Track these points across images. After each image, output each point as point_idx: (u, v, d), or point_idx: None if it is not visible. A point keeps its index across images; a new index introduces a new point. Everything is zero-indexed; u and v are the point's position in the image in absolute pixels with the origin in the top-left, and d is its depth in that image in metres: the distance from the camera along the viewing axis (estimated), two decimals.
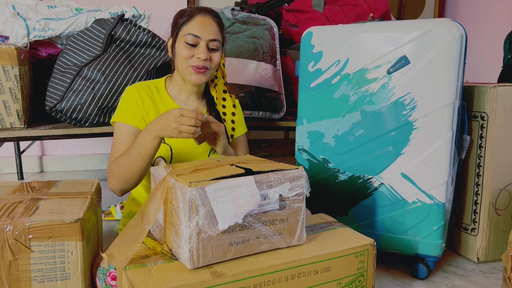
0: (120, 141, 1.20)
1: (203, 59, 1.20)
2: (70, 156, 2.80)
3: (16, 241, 0.93)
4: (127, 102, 1.24)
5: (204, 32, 1.20)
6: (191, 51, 1.20)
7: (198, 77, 1.22)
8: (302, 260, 0.92)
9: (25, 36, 1.68)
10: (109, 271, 0.97)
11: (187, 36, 1.19)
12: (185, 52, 1.20)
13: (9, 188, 1.20)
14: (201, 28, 1.20)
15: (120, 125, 1.22)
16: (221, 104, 1.35)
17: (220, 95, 1.36)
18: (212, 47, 1.22)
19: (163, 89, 1.31)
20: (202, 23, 1.20)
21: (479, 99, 1.43)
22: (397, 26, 1.33)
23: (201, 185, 0.83)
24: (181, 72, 1.24)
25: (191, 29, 1.20)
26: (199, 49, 1.20)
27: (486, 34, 2.85)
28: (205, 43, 1.20)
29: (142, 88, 1.27)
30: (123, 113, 1.23)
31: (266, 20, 1.97)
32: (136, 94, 1.24)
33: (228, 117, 1.36)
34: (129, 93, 1.25)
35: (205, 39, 1.20)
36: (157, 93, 1.29)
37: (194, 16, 1.21)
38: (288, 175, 0.93)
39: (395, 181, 1.34)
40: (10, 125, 1.58)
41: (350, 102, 1.38)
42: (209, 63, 1.22)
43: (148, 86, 1.29)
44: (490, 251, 1.47)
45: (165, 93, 1.30)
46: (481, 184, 1.44)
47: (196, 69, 1.21)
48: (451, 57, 1.24)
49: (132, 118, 1.22)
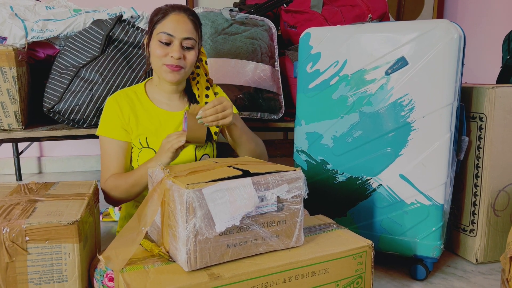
0: (108, 158, 1.24)
1: (176, 58, 1.19)
2: (68, 157, 2.80)
3: (13, 243, 0.93)
4: (107, 115, 1.25)
5: (177, 31, 1.19)
6: (165, 50, 1.19)
7: (172, 75, 1.21)
8: (300, 262, 0.92)
9: (23, 37, 1.68)
10: (106, 272, 0.96)
11: (161, 35, 1.19)
12: (158, 51, 1.19)
13: (6, 190, 1.19)
14: (174, 27, 1.18)
15: (104, 139, 1.25)
16: (203, 102, 1.33)
17: (203, 92, 1.35)
18: (187, 45, 1.20)
19: (143, 93, 1.30)
20: (176, 21, 1.19)
21: (477, 100, 1.43)
22: (395, 27, 1.33)
23: (198, 187, 0.83)
24: (156, 71, 1.24)
25: (165, 28, 1.19)
26: (172, 48, 1.19)
27: (485, 34, 2.86)
28: (179, 42, 1.19)
29: (121, 97, 1.27)
30: (106, 127, 1.24)
31: (264, 21, 1.97)
32: (115, 105, 1.25)
33: None
34: (109, 105, 1.26)
35: (178, 38, 1.19)
36: (136, 100, 1.28)
37: (168, 14, 1.20)
38: (286, 177, 0.93)
39: (394, 182, 1.34)
40: (8, 126, 1.58)
41: (348, 103, 1.38)
42: (184, 62, 1.21)
43: (127, 93, 1.29)
44: (488, 252, 1.47)
45: (145, 98, 1.29)
46: (480, 185, 1.44)
47: (170, 67, 1.20)
48: (449, 58, 1.24)
49: (114, 132, 1.24)
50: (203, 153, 1.27)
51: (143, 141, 1.24)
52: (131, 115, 1.25)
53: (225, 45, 1.82)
